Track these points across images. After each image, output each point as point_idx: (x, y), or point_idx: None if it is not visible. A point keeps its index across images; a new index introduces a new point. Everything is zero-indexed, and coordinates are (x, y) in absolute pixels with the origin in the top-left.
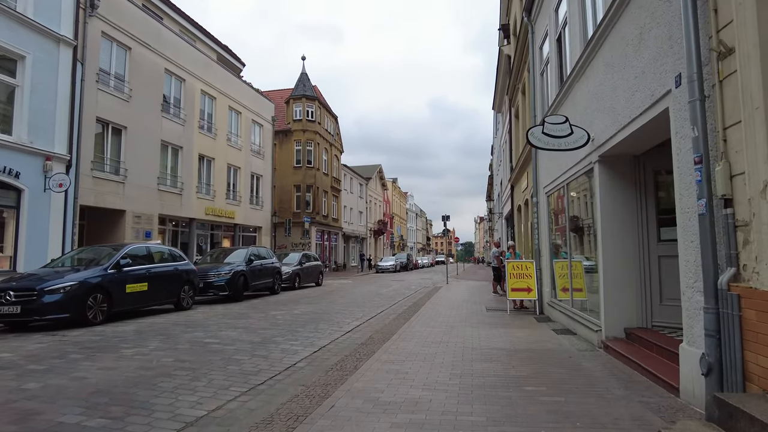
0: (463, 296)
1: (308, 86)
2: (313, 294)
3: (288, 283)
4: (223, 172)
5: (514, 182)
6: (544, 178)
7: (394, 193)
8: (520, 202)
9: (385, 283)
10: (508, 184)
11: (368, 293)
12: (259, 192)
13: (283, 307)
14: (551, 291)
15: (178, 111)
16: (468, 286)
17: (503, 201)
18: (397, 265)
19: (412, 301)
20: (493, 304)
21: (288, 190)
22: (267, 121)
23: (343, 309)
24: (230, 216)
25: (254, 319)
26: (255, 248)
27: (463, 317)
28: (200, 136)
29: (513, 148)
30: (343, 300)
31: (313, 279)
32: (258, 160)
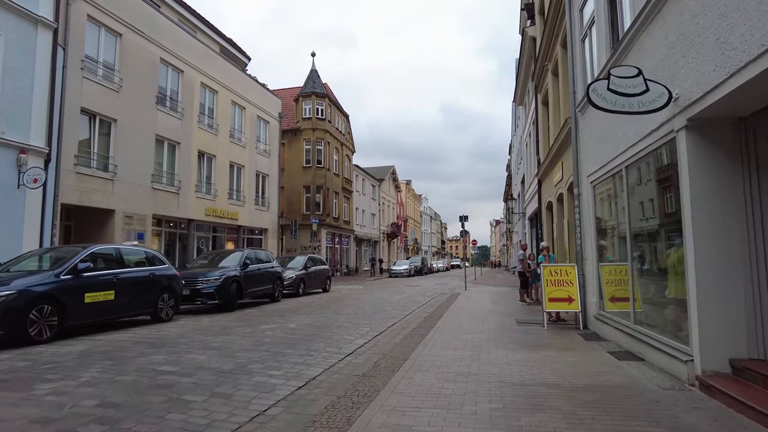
0: (486, 304)
1: (318, 83)
2: (318, 302)
3: (291, 289)
4: (226, 170)
5: (543, 177)
6: (590, 163)
7: (407, 195)
8: (550, 197)
9: (398, 288)
10: (533, 179)
11: (379, 301)
12: (265, 192)
13: (278, 318)
14: (598, 301)
15: (176, 104)
16: (489, 293)
17: (527, 200)
18: (411, 269)
19: (428, 312)
20: (523, 315)
21: (297, 191)
22: (273, 117)
23: (347, 321)
24: (233, 217)
25: (237, 336)
26: (252, 251)
27: (491, 333)
28: (200, 132)
29: (540, 139)
30: (350, 309)
31: (319, 284)
32: (264, 159)
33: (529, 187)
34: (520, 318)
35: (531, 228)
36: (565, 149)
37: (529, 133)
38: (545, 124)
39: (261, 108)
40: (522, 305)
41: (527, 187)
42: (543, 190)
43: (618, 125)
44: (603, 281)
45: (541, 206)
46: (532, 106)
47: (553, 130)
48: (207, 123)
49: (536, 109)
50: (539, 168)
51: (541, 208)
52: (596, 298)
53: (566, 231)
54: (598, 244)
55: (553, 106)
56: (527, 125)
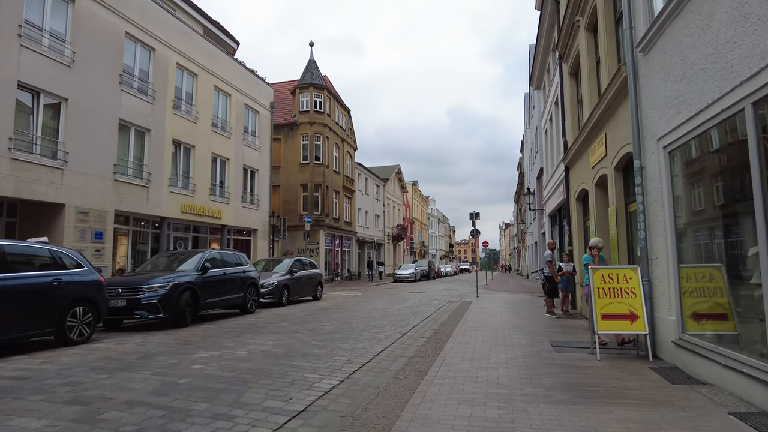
0: (505, 317)
1: (316, 74)
2: (299, 314)
3: (272, 297)
4: (207, 163)
5: (572, 162)
6: (663, 120)
7: (414, 196)
8: (584, 184)
9: (401, 296)
10: (556, 168)
11: (374, 313)
12: (255, 189)
13: (231, 340)
14: (677, 319)
15: (145, 86)
16: (505, 301)
17: (546, 194)
18: (417, 273)
19: (433, 328)
20: (557, 333)
21: (294, 189)
22: (265, 107)
23: (321, 346)
24: (216, 215)
25: (146, 373)
26: (217, 251)
27: (521, 369)
28: (175, 119)
29: (568, 117)
30: (333, 325)
31: (308, 291)
32: (252, 152)
33: (550, 180)
34: (555, 339)
35: (552, 225)
36: (611, 115)
37: (549, 117)
38: (574, 98)
39: (250, 96)
40: (550, 318)
41: (547, 180)
42: (572, 177)
43: (738, 36)
44: (684, 290)
45: (570, 197)
46: (554, 84)
47: (588, 100)
48: (184, 109)
49: (561, 85)
50: (567, 152)
51: (570, 200)
52: (675, 315)
53: (614, 222)
54: (677, 233)
55: (588, 70)
56: (547, 109)
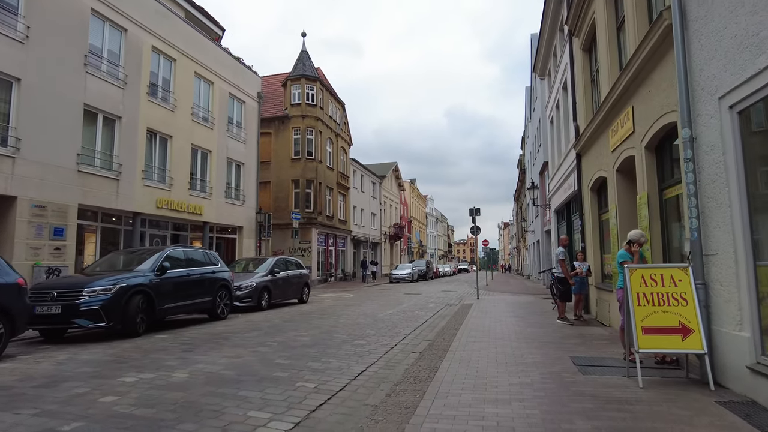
0: (511, 324)
1: (309, 65)
2: (277, 320)
3: (249, 301)
4: (186, 154)
5: (585, 148)
6: (730, 70)
7: (412, 195)
8: (602, 171)
9: (395, 298)
10: (564, 157)
11: (362, 318)
12: (240, 184)
13: (178, 357)
14: (754, 337)
15: (115, 69)
16: (508, 304)
17: (554, 187)
18: (414, 273)
19: (428, 339)
20: (577, 346)
21: (285, 186)
22: (251, 97)
23: (286, 365)
24: (196, 211)
25: (27, 411)
26: (178, 249)
27: (543, 405)
28: (150, 106)
29: (581, 98)
30: (311, 335)
31: (293, 293)
32: (238, 145)
33: (556, 173)
34: (576, 355)
35: (558, 222)
36: (641, 83)
37: (556, 105)
38: (587, 75)
39: (235, 85)
40: (562, 325)
41: (552, 173)
42: (585, 165)
43: None
44: None
45: (582, 188)
46: (561, 67)
47: (608, 73)
48: (161, 96)
49: (571, 64)
50: (579, 138)
51: (582, 191)
52: (749, 331)
53: (644, 212)
54: (751, 221)
55: (606, 38)
56: (553, 96)
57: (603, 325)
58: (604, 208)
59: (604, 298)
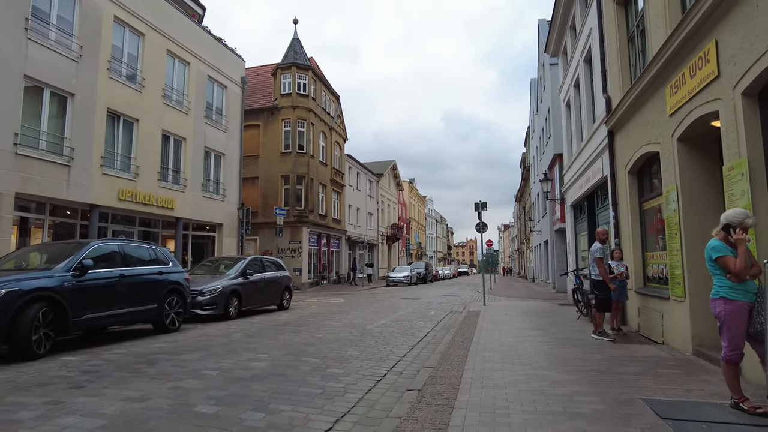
0: (537, 340)
1: (300, 54)
2: (239, 333)
3: (214, 308)
4: (155, 141)
5: (622, 122)
6: None
7: (411, 195)
8: (650, 144)
9: (391, 304)
10: (588, 140)
11: (346, 331)
12: (220, 177)
13: (48, 401)
14: None
15: (67, 39)
16: (521, 311)
17: (569, 180)
18: (413, 276)
19: (429, 366)
20: (644, 380)
21: (274, 181)
22: (234, 82)
23: (205, 422)
24: (167, 205)
25: None
26: (111, 244)
27: None
28: (112, 84)
29: (612, 63)
30: (272, 358)
31: (271, 299)
32: (218, 133)
33: (573, 163)
34: (650, 396)
35: (575, 218)
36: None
37: (575, 83)
38: (623, 34)
39: (215, 67)
40: (601, 341)
41: (568, 164)
42: (620, 144)
43: None
44: None
45: (616, 172)
46: (583, 37)
47: (665, 15)
48: (125, 74)
49: (599, 26)
50: (612, 112)
51: (616, 176)
52: None
53: (743, 186)
54: None
55: None
56: (570, 74)
57: (652, 341)
58: (649, 194)
59: (652, 307)
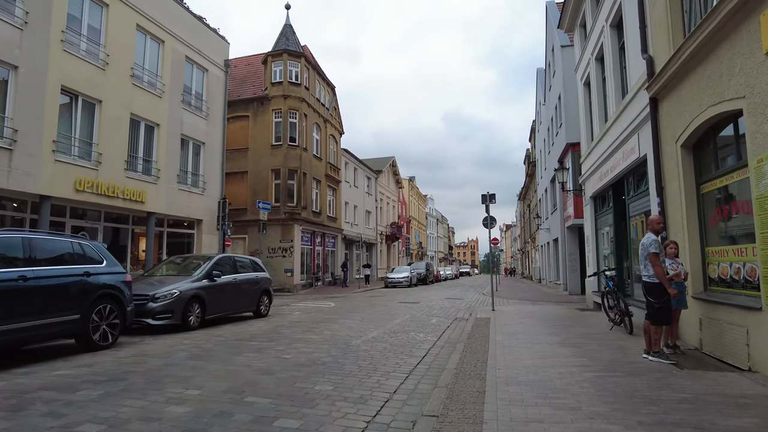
0: (572, 364)
1: (292, 40)
2: (182, 353)
3: (168, 317)
4: (123, 125)
5: (673, 83)
6: None
7: (411, 193)
8: (724, 103)
9: (387, 309)
10: (625, 107)
11: (322, 351)
12: (200, 168)
13: None
14: None
15: (10, 3)
16: (538, 319)
17: (588, 169)
18: (413, 277)
19: (431, 414)
20: None
21: (264, 176)
22: (217, 65)
23: None
24: (136, 198)
25: None
26: (15, 237)
27: None
28: (68, 59)
29: (657, 15)
30: (200, 399)
31: (246, 304)
32: (197, 120)
33: (596, 146)
34: None
35: (596, 212)
36: None
37: (598, 56)
38: None
39: (194, 48)
40: (660, 364)
41: (589, 148)
42: (669, 111)
43: None
44: None
45: (660, 149)
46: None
47: None
48: (84, 48)
49: None
50: (657, 75)
51: (660, 153)
52: None
53: None
54: None
55: None
56: (591, 46)
57: (728, 365)
58: (711, 173)
59: (726, 319)
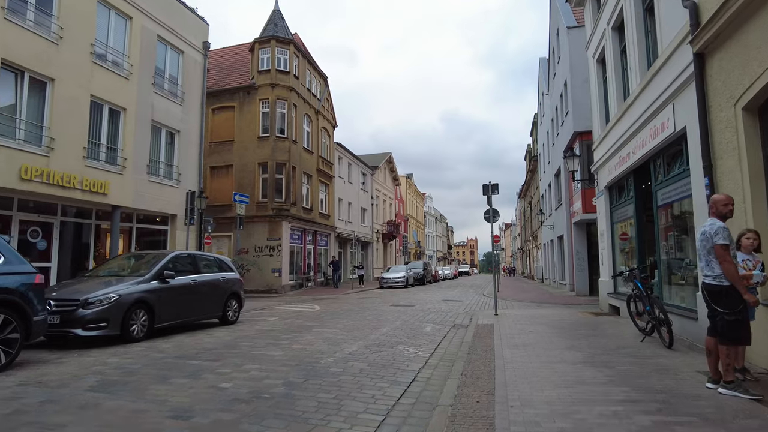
0: (615, 398)
1: (281, 26)
2: (89, 378)
3: (103, 326)
4: (81, 108)
5: (723, 37)
6: None
7: (409, 191)
8: None
9: (376, 314)
10: (660, 66)
11: (277, 377)
12: (173, 158)
13: None
14: None
15: None
16: (550, 326)
17: (604, 153)
18: (409, 277)
19: None
20: None
21: (250, 170)
22: (194, 47)
23: None
24: (97, 189)
25: None
26: None
27: None
28: (11, 29)
29: None
30: None
31: (209, 309)
32: (171, 106)
33: (612, 128)
34: None
35: (613, 203)
36: None
37: (616, 24)
38: None
39: (168, 27)
40: (745, 404)
41: (604, 132)
42: (722, 70)
43: None
44: None
45: (710, 117)
46: None
47: None
48: (33, 19)
49: None
50: (708, 21)
51: (711, 122)
52: None
53: None
54: None
55: None
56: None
57: None
58: None
59: None
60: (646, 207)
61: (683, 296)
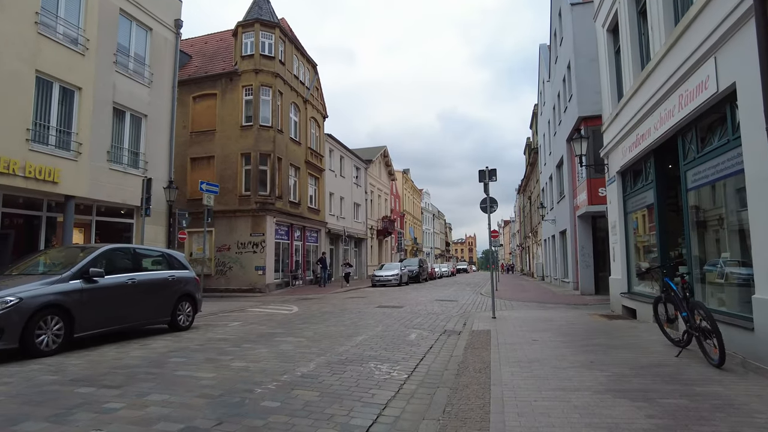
0: None
1: (266, 9)
2: None
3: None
4: (25, 85)
5: None
6: None
7: (405, 186)
8: None
9: (354, 320)
10: (696, 14)
11: (181, 415)
12: (139, 144)
13: None
14: None
15: None
16: (558, 333)
17: (616, 134)
18: (403, 275)
19: None
20: None
21: (233, 160)
22: (164, 25)
23: None
24: (45, 177)
25: None
26: None
27: None
28: None
29: None
30: None
31: (153, 314)
32: (136, 87)
33: (627, 102)
34: None
35: (626, 190)
36: None
37: None
38: None
39: (132, 0)
40: None
41: (615, 112)
42: None
43: None
44: None
45: None
46: None
47: None
48: None
49: None
50: None
51: None
52: None
53: None
54: None
55: None
56: None
57: None
58: None
59: None
60: (670, 192)
61: (722, 298)
